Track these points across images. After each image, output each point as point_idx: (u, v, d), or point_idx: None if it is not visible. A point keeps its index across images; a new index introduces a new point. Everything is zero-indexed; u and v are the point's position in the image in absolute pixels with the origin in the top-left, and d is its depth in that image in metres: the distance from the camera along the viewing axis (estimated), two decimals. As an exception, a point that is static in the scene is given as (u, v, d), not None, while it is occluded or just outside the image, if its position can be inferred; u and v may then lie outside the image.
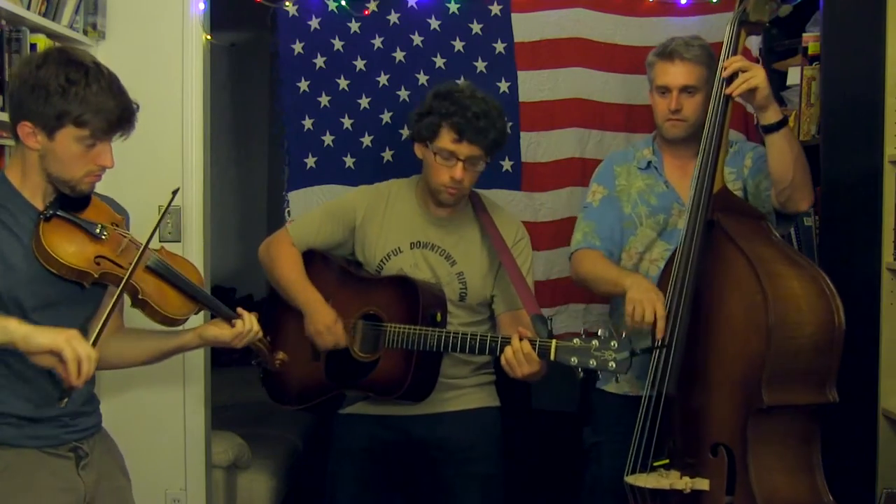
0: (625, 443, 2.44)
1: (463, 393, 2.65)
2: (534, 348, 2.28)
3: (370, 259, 2.64)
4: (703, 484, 2.30)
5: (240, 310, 2.11)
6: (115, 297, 1.87)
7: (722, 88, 2.40)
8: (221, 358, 4.90)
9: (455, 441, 2.62)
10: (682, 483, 2.31)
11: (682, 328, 2.35)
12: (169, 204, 2.01)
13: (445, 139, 2.48)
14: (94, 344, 1.78)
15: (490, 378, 2.72)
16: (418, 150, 2.58)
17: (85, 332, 1.92)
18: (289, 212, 3.32)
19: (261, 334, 2.13)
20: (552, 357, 2.27)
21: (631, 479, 2.35)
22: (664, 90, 2.61)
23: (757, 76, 2.37)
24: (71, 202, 1.91)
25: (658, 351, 2.36)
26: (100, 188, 2.05)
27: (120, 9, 3.13)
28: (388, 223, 2.64)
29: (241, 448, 3.60)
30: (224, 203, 4.93)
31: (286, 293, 2.60)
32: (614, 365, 2.21)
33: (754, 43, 3.26)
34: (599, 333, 2.23)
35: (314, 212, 2.78)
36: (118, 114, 1.86)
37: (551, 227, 3.31)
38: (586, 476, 2.81)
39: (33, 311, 1.86)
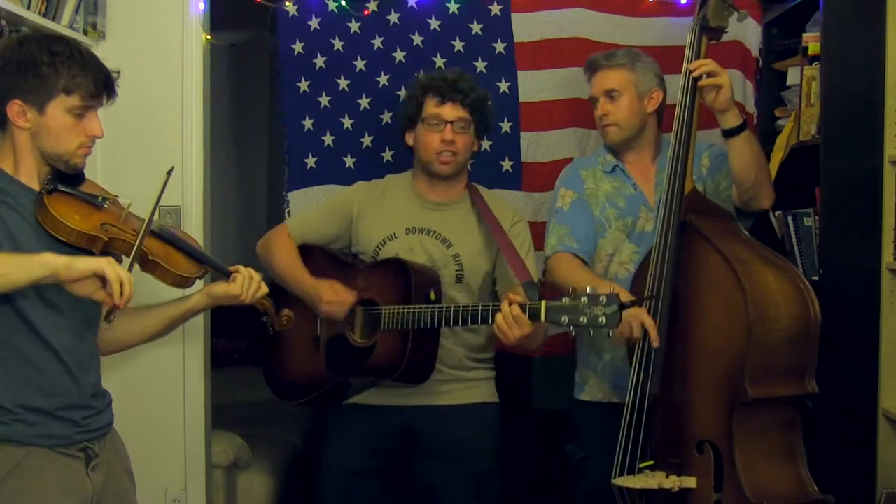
0: (610, 454, 2.46)
1: (463, 386, 2.67)
2: (524, 311, 2.30)
3: (366, 246, 2.69)
4: (690, 482, 2.33)
5: (234, 266, 2.16)
6: (138, 243, 1.91)
7: (687, 93, 2.48)
8: (221, 358, 4.91)
9: (454, 435, 2.64)
10: (671, 482, 2.33)
11: (663, 330, 2.39)
12: (165, 184, 2.05)
13: (430, 106, 2.63)
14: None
15: (490, 374, 2.74)
16: (409, 137, 2.69)
17: (99, 308, 1.98)
18: (289, 212, 3.32)
19: (265, 290, 2.17)
20: (542, 318, 2.28)
21: (619, 482, 2.38)
22: (594, 101, 2.76)
23: (723, 77, 2.46)
24: (67, 178, 1.96)
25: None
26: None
27: (120, 9, 3.12)
28: (384, 212, 2.71)
29: (241, 448, 3.60)
30: (224, 203, 4.93)
31: (284, 281, 2.66)
32: (605, 319, 2.22)
33: (754, 43, 3.27)
34: (588, 290, 2.25)
35: (313, 207, 2.88)
36: (102, 78, 1.94)
37: (551, 227, 3.31)
38: (577, 493, 2.81)
39: (47, 289, 1.87)
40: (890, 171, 2.57)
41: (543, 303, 2.29)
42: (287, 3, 3.28)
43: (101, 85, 1.93)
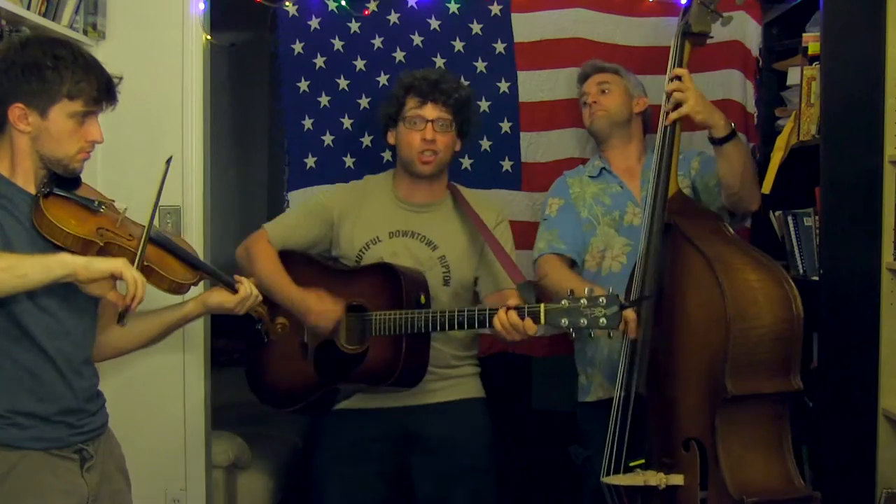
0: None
1: (451, 384, 2.68)
2: (523, 315, 2.31)
3: (348, 251, 2.67)
4: (677, 479, 2.36)
5: (237, 276, 2.16)
6: (141, 248, 1.91)
7: (670, 99, 2.54)
8: (221, 358, 4.90)
9: (446, 432, 2.65)
10: (657, 479, 2.37)
11: (647, 329, 2.43)
12: (165, 174, 2.05)
13: (411, 106, 2.62)
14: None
15: (475, 370, 2.76)
16: (391, 136, 2.69)
17: (94, 314, 2.01)
18: (288, 212, 3.32)
19: (261, 299, 2.18)
20: (542, 320, 2.30)
21: (607, 480, 2.42)
22: (585, 96, 2.93)
23: (688, 101, 2.49)
24: (64, 182, 1.95)
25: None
26: (101, 188, 2.05)
27: (120, 9, 3.13)
28: (366, 215, 2.69)
29: (241, 448, 3.60)
30: (224, 203, 4.93)
31: (268, 290, 2.58)
32: (605, 321, 2.24)
33: (754, 43, 3.27)
34: (587, 291, 2.26)
35: (290, 211, 2.85)
36: (105, 83, 1.94)
37: (551, 227, 3.31)
38: (585, 489, 2.83)
39: (40, 293, 1.86)
40: (890, 171, 2.57)
41: (542, 305, 2.30)
42: (287, 3, 3.28)
43: (103, 90, 1.93)
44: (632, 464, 2.42)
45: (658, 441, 2.44)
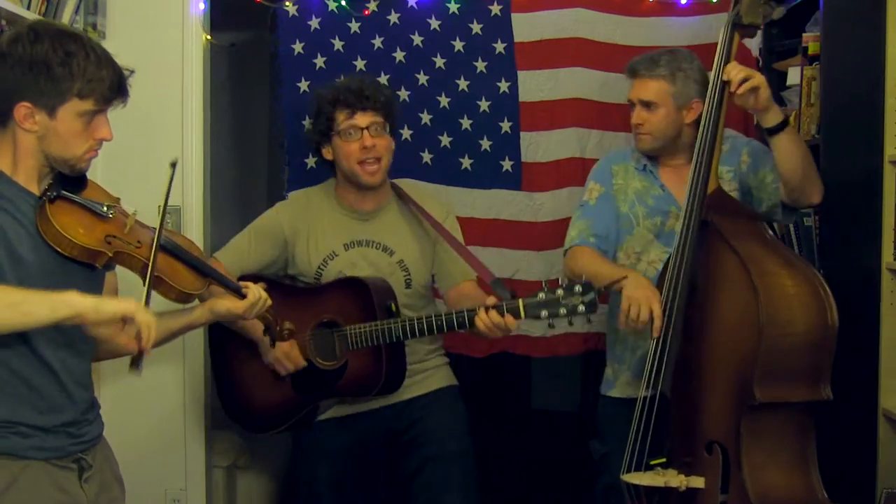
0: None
1: (425, 377, 2.71)
2: (502, 312, 2.32)
3: (305, 269, 2.67)
4: (698, 482, 2.32)
5: (243, 283, 2.12)
6: (149, 275, 1.85)
7: (716, 92, 2.43)
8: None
9: (427, 422, 2.67)
10: (678, 481, 2.33)
11: (677, 327, 2.38)
12: (171, 178, 1.98)
13: (341, 119, 2.61)
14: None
15: (445, 360, 2.79)
16: (327, 153, 2.67)
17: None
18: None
19: (269, 303, 2.14)
20: (522, 315, 2.31)
21: (627, 478, 2.39)
22: (631, 104, 2.70)
23: (758, 77, 2.40)
24: (70, 183, 1.86)
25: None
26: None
27: (120, 9, 3.13)
28: (317, 230, 2.68)
29: (241, 448, 3.60)
30: (224, 203, 4.92)
31: (232, 324, 2.53)
32: (583, 308, 2.25)
33: (754, 43, 3.27)
34: (560, 281, 2.27)
35: (240, 236, 2.76)
36: (116, 80, 1.83)
37: (551, 227, 3.31)
38: (597, 488, 2.81)
39: None
40: (890, 171, 2.57)
41: (521, 301, 2.31)
42: (287, 3, 3.28)
43: (115, 88, 1.83)
44: (653, 462, 2.40)
45: (680, 441, 2.41)
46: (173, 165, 1.98)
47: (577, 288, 2.26)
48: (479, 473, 2.75)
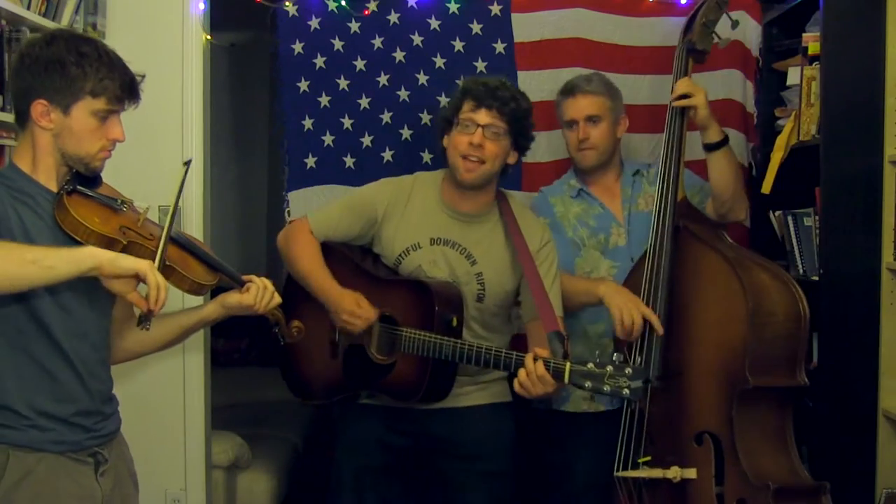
0: (597, 457, 2.60)
1: (478, 388, 2.64)
2: (548, 369, 2.24)
3: (388, 252, 2.64)
4: (690, 473, 2.43)
5: (247, 276, 2.13)
6: (162, 246, 1.89)
7: (676, 109, 2.65)
8: (221, 358, 4.92)
9: (465, 437, 2.61)
10: (672, 472, 2.44)
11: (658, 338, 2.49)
12: (184, 177, 2.05)
13: (465, 109, 2.56)
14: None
15: (503, 374, 2.71)
16: (445, 140, 2.62)
17: (110, 316, 2.00)
18: (289, 212, 3.31)
19: (278, 300, 2.14)
20: (566, 381, 2.23)
21: (622, 473, 2.49)
22: (571, 124, 2.83)
23: (697, 98, 2.61)
24: (86, 180, 1.94)
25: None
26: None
27: (120, 9, 3.13)
28: (409, 218, 2.63)
29: (241, 448, 3.60)
30: (224, 203, 4.93)
31: (307, 282, 2.58)
32: (628, 392, 2.16)
33: (754, 43, 3.27)
34: (614, 359, 2.19)
35: (335, 203, 2.76)
36: (128, 81, 1.93)
37: (551, 227, 3.31)
38: (558, 496, 2.88)
39: (61, 291, 1.85)
40: (890, 171, 2.57)
41: (568, 364, 2.22)
42: (287, 3, 3.28)
43: (126, 89, 1.92)
44: (640, 460, 2.48)
45: (661, 437, 2.50)
46: (187, 164, 2.07)
47: (628, 371, 2.16)
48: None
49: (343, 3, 3.28)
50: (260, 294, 2.09)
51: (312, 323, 2.56)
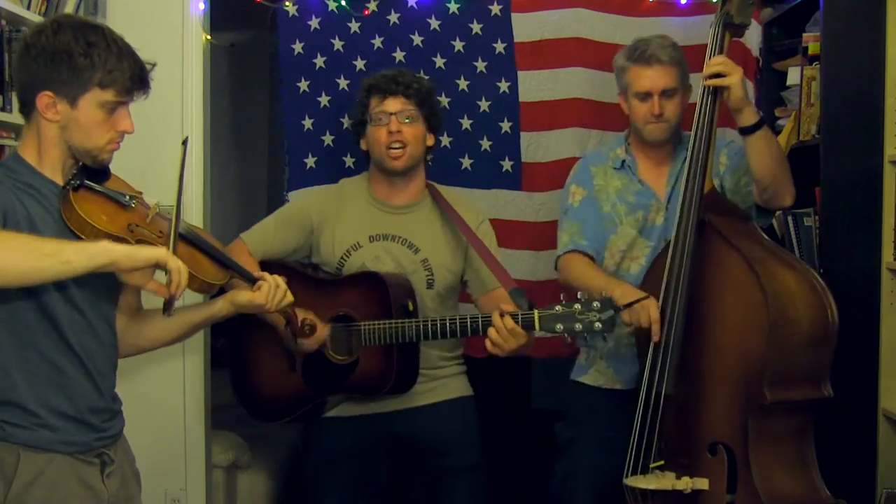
0: (596, 437, 2.55)
1: (439, 384, 2.66)
2: (517, 322, 2.27)
3: (328, 258, 2.64)
4: (702, 483, 2.31)
5: (258, 273, 2.09)
6: (171, 246, 1.83)
7: (708, 91, 2.44)
8: (221, 358, 4.91)
9: (431, 434, 2.63)
10: (683, 483, 2.32)
11: (678, 328, 2.36)
12: (183, 157, 1.98)
13: (373, 105, 2.60)
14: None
15: (462, 368, 2.74)
16: (363, 143, 2.66)
17: (113, 308, 1.96)
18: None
19: (290, 298, 2.10)
20: (537, 327, 2.26)
21: (631, 482, 2.37)
22: (644, 95, 2.61)
23: (731, 77, 2.40)
24: (94, 174, 1.88)
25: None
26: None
27: (120, 9, 3.12)
28: (345, 220, 2.65)
29: (241, 448, 3.60)
30: (224, 203, 4.93)
31: (263, 316, 2.49)
32: (600, 325, 2.20)
33: (754, 42, 3.27)
34: (579, 296, 2.23)
35: (267, 219, 2.74)
36: (137, 72, 1.87)
37: (551, 227, 3.28)
38: (556, 468, 2.81)
39: (70, 287, 1.82)
40: (890, 171, 2.57)
41: (536, 312, 2.27)
42: (287, 3, 3.28)
43: (136, 79, 1.85)
44: (652, 465, 2.38)
45: (676, 441, 2.39)
46: (185, 143, 1.99)
47: (596, 304, 2.20)
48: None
49: (343, 3, 3.28)
50: (272, 293, 2.05)
51: (262, 340, 2.57)
